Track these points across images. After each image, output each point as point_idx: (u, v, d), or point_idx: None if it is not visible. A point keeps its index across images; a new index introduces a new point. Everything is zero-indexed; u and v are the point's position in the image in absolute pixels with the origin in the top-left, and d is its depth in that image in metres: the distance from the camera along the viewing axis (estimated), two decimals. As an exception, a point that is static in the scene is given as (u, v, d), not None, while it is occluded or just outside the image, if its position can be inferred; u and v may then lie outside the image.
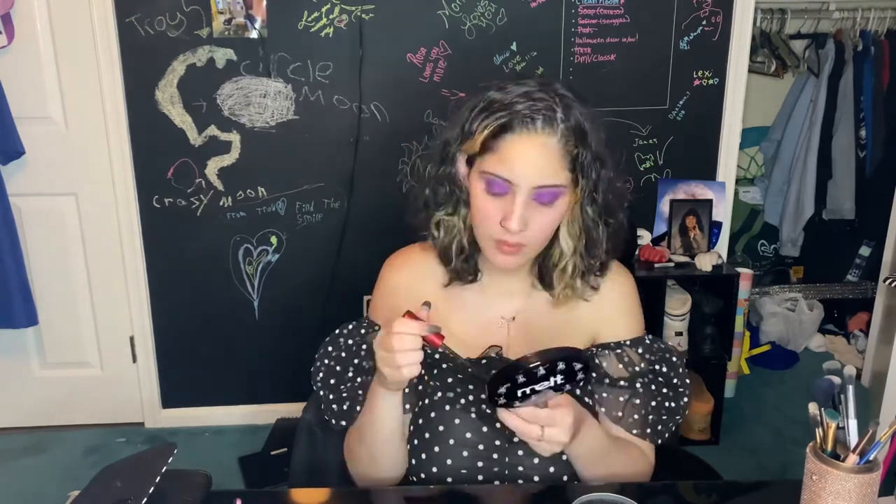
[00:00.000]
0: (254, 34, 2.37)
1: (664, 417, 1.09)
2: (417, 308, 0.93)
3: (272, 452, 2.42)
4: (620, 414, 1.07)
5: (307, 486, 1.20)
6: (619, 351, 1.10)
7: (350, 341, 1.14)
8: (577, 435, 0.93)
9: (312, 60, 2.41)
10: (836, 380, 0.85)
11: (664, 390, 1.10)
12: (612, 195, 1.04)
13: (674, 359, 1.12)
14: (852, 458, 0.80)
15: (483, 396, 1.08)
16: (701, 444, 2.57)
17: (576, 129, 0.97)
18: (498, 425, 1.05)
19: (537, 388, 0.86)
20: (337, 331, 1.17)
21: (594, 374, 1.06)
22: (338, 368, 1.13)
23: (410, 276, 1.15)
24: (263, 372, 2.70)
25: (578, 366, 0.86)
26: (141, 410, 2.72)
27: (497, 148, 0.97)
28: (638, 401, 1.08)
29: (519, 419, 0.88)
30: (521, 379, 0.85)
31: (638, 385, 1.08)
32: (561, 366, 0.85)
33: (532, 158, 0.96)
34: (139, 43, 2.36)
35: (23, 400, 2.68)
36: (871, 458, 0.81)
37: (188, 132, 2.45)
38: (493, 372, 0.86)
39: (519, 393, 0.86)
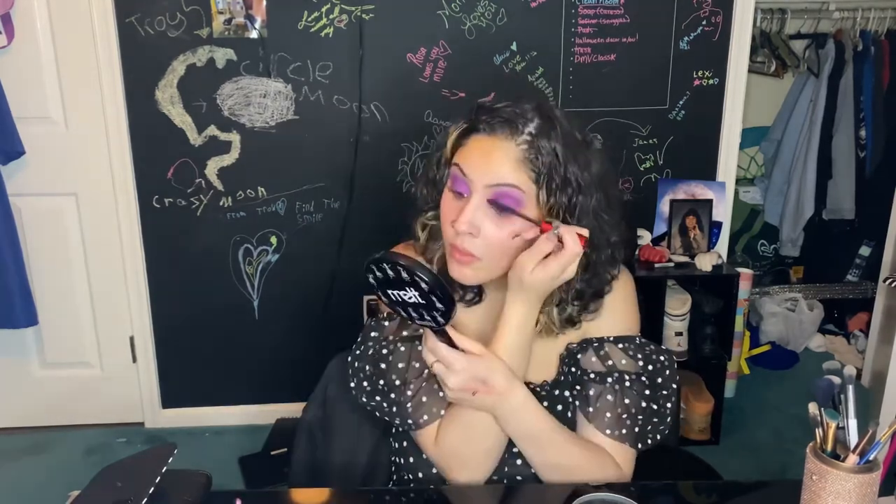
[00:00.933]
0: (254, 34, 2.37)
1: (641, 420, 1.03)
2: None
3: (272, 452, 2.42)
4: (591, 409, 1.03)
5: (307, 486, 1.20)
6: (596, 345, 1.06)
7: (370, 353, 1.09)
8: (498, 408, 0.96)
9: (312, 60, 2.41)
10: (836, 380, 0.85)
11: (647, 392, 1.04)
12: (598, 228, 1.00)
13: (662, 359, 1.07)
14: (852, 459, 0.80)
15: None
16: (701, 444, 2.57)
17: (543, 147, 0.95)
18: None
19: (403, 297, 0.88)
20: (355, 348, 1.12)
21: (454, 311, 0.93)
22: (376, 376, 1.08)
23: None
24: (263, 372, 2.70)
25: (424, 285, 0.85)
26: (141, 410, 2.72)
27: (463, 144, 1.00)
28: (611, 398, 1.03)
29: (426, 341, 0.94)
30: (377, 273, 0.89)
31: (611, 380, 1.03)
32: (404, 275, 0.86)
33: (489, 157, 0.96)
34: (139, 43, 2.36)
35: (23, 400, 2.69)
36: (871, 458, 0.81)
37: (188, 132, 2.45)
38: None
39: (391, 295, 0.90)
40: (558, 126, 0.97)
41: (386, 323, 1.10)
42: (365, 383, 1.08)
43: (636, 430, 1.03)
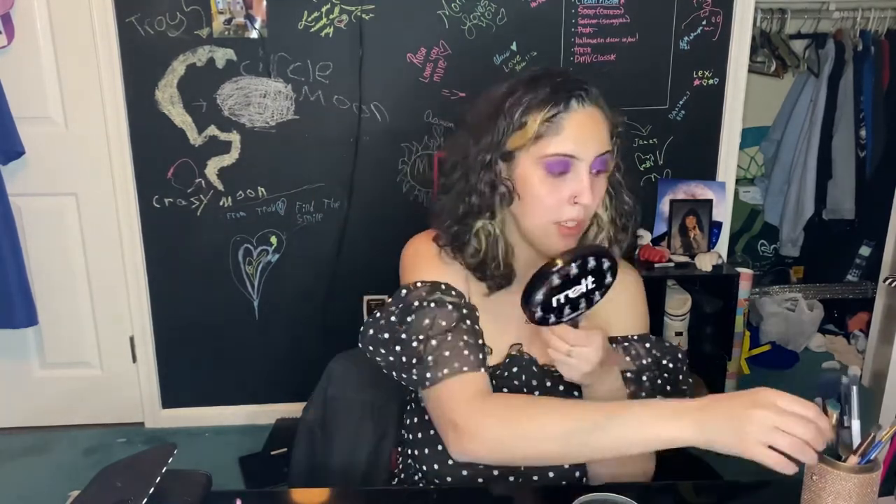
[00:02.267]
0: (254, 34, 2.37)
1: None
2: None
3: (272, 452, 2.42)
4: None
5: (307, 486, 1.20)
6: (626, 344, 1.10)
7: (372, 330, 1.08)
8: (602, 372, 0.96)
9: (312, 60, 2.41)
10: (844, 379, 0.85)
11: (668, 387, 1.10)
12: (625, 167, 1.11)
13: (679, 357, 1.12)
14: (853, 459, 0.80)
15: (504, 389, 1.08)
16: (701, 444, 2.57)
17: (604, 99, 1.04)
18: None
19: (571, 294, 0.89)
20: (404, 293, 1.07)
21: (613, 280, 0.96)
22: (392, 340, 1.05)
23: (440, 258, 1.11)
24: (263, 372, 2.70)
25: (607, 263, 0.90)
26: (141, 410, 2.72)
27: (557, 129, 0.99)
28: (644, 395, 1.07)
29: (552, 335, 0.93)
30: (556, 281, 0.88)
31: (644, 378, 1.08)
32: (591, 263, 0.89)
33: (591, 130, 1.01)
34: (139, 43, 2.36)
35: (23, 400, 2.68)
36: (871, 458, 0.81)
37: (188, 132, 2.45)
38: (527, 282, 0.89)
39: (554, 302, 0.89)
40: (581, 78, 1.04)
41: (416, 287, 1.06)
42: (386, 334, 1.05)
43: None
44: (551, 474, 1.05)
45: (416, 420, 1.11)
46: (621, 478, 1.04)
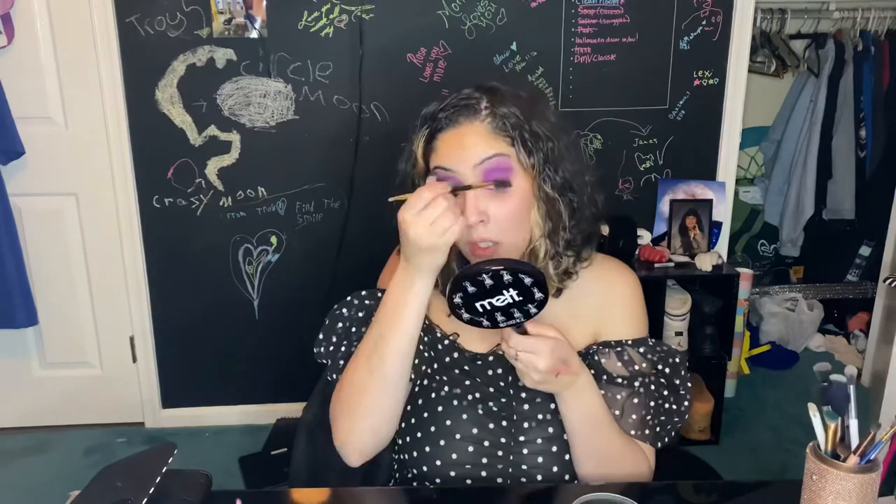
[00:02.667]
0: (254, 34, 2.37)
1: (664, 420, 1.08)
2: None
3: (272, 452, 2.42)
4: (619, 412, 1.06)
5: (307, 486, 1.20)
6: (619, 349, 1.09)
7: (357, 312, 1.15)
8: (566, 382, 0.97)
9: (312, 60, 2.41)
10: (842, 378, 0.84)
11: (664, 392, 1.08)
12: (571, 172, 1.05)
13: (676, 360, 1.11)
14: (853, 458, 0.80)
15: (491, 391, 1.08)
16: (701, 444, 2.57)
17: (504, 112, 1.01)
18: (504, 423, 1.06)
19: (495, 303, 0.90)
20: (349, 298, 1.18)
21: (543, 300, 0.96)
22: (349, 330, 1.14)
23: None
24: (263, 372, 2.70)
25: (528, 280, 0.89)
26: (141, 410, 2.72)
27: (434, 147, 1.04)
28: (637, 400, 1.07)
29: (502, 338, 0.95)
30: (469, 288, 0.89)
31: (637, 384, 1.07)
32: (507, 276, 0.88)
33: (463, 142, 1.01)
34: (139, 43, 2.36)
35: (23, 400, 2.69)
36: (871, 458, 0.81)
37: (188, 132, 2.45)
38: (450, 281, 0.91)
39: (479, 308, 0.91)
40: (506, 93, 1.04)
41: (379, 294, 1.13)
42: (330, 334, 1.16)
43: (657, 429, 1.08)
44: (555, 469, 1.05)
45: (402, 424, 1.11)
46: (612, 479, 1.04)
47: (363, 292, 1.16)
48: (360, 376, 1.04)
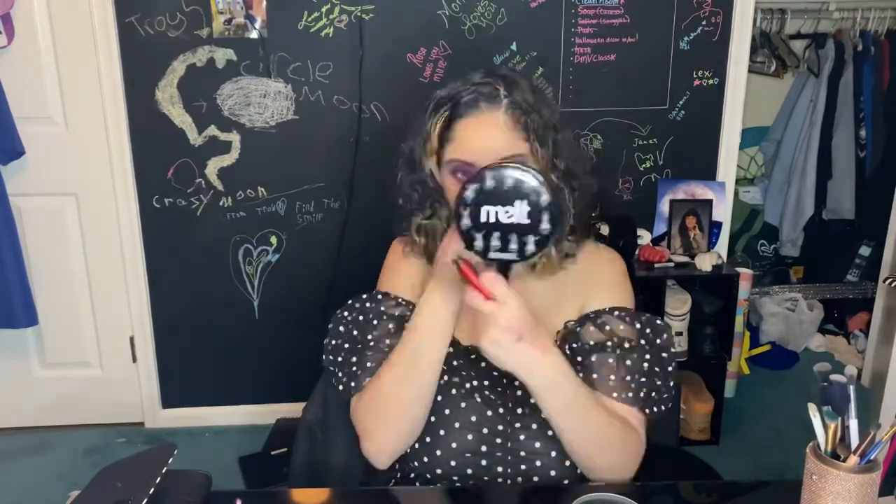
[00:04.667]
0: (254, 34, 2.37)
1: (646, 384, 1.05)
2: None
3: (272, 452, 2.42)
4: (595, 376, 1.04)
5: (307, 486, 1.20)
6: (593, 316, 1.08)
7: (361, 317, 1.14)
8: (534, 369, 0.93)
9: (312, 60, 2.41)
10: (842, 378, 0.84)
11: (647, 356, 1.06)
12: (572, 160, 1.07)
13: (659, 324, 1.09)
14: (853, 459, 0.80)
15: (486, 383, 1.08)
16: (701, 444, 2.57)
17: (521, 102, 1.01)
18: (501, 410, 1.07)
19: (501, 215, 0.86)
20: (350, 301, 1.17)
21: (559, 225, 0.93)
22: (355, 336, 1.12)
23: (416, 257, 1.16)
24: (263, 372, 2.70)
25: (545, 199, 0.85)
26: (141, 410, 2.72)
27: (452, 136, 1.02)
28: (612, 361, 1.04)
29: (489, 274, 0.89)
30: (488, 182, 0.86)
31: (609, 345, 1.05)
32: (531, 183, 0.85)
33: (485, 135, 1.00)
34: (139, 43, 2.36)
35: (23, 400, 2.69)
36: (871, 458, 0.81)
37: (188, 132, 2.45)
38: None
39: (483, 215, 0.87)
40: (521, 80, 1.04)
41: (380, 297, 1.14)
42: (335, 341, 1.14)
43: (641, 393, 1.05)
44: (553, 454, 1.05)
45: None
46: (600, 468, 1.03)
47: (364, 295, 1.16)
48: (395, 389, 1.04)
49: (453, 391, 1.08)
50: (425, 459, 1.08)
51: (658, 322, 1.09)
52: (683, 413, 2.57)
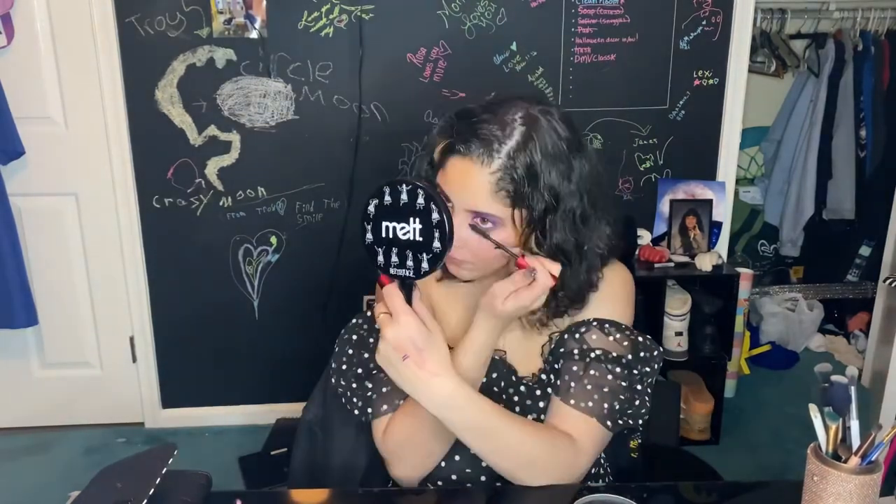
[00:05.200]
0: (254, 34, 2.37)
1: (611, 399, 1.01)
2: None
3: (272, 452, 2.42)
4: (558, 382, 1.03)
5: (307, 486, 1.20)
6: (572, 329, 1.07)
7: (369, 337, 1.12)
8: (422, 389, 0.91)
9: (312, 60, 2.41)
10: (843, 379, 0.84)
11: (620, 371, 1.02)
12: (581, 230, 1.00)
13: (642, 341, 1.06)
14: (853, 460, 0.80)
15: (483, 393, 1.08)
16: (701, 444, 2.57)
17: (519, 167, 0.94)
18: None
19: (398, 232, 0.87)
20: (354, 320, 1.15)
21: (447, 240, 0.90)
22: (364, 358, 1.10)
23: None
24: (263, 372, 2.70)
25: (435, 216, 0.84)
26: (141, 410, 2.72)
27: (443, 165, 0.99)
28: (576, 368, 1.03)
29: (389, 287, 0.90)
30: (386, 197, 0.87)
31: (576, 353, 1.03)
32: (421, 199, 0.84)
33: (465, 183, 0.96)
34: (139, 43, 2.36)
35: (23, 400, 2.68)
36: (872, 460, 0.81)
37: (188, 132, 2.45)
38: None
39: (382, 229, 0.88)
40: (544, 135, 0.96)
41: (369, 314, 1.12)
42: (344, 366, 1.11)
43: (604, 406, 1.01)
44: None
45: None
46: (523, 480, 0.99)
47: (368, 313, 1.14)
48: (420, 430, 1.02)
49: None
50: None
51: (644, 340, 1.07)
52: (683, 413, 2.57)
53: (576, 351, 1.04)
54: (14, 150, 2.36)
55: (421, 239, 0.86)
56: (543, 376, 1.09)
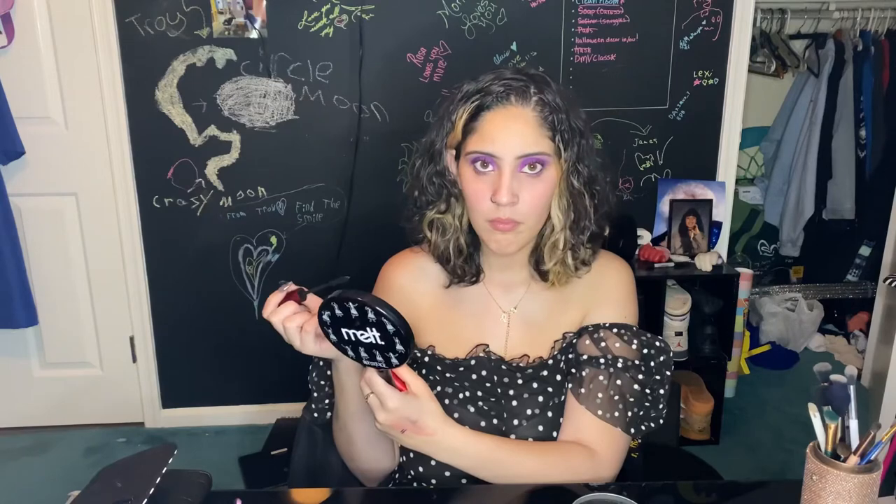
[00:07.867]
0: (254, 34, 2.37)
1: (635, 406, 1.05)
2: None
3: (272, 452, 2.42)
4: (583, 391, 1.04)
5: (307, 486, 1.20)
6: (591, 330, 1.08)
7: None
8: (427, 446, 0.98)
9: (312, 60, 2.41)
10: (842, 378, 0.84)
11: (640, 377, 1.06)
12: (594, 166, 1.07)
13: (658, 345, 1.08)
14: (853, 459, 0.80)
15: (479, 394, 1.09)
16: (701, 444, 2.57)
17: (550, 102, 1.01)
18: (495, 421, 1.07)
19: (359, 336, 0.88)
20: None
21: (418, 353, 1.01)
22: (321, 365, 1.14)
23: (408, 277, 1.16)
24: (263, 372, 2.70)
25: (391, 328, 0.85)
26: (141, 410, 2.72)
27: (477, 127, 1.01)
28: (603, 379, 1.04)
29: (367, 375, 0.94)
30: (337, 311, 0.87)
31: (603, 362, 1.05)
32: (371, 315, 0.85)
33: (511, 129, 0.99)
34: (139, 43, 2.36)
35: (23, 400, 2.69)
36: (871, 459, 0.81)
37: (188, 132, 2.45)
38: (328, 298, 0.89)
39: (344, 334, 0.89)
40: (547, 79, 1.04)
41: None
42: (322, 366, 1.13)
43: (629, 414, 1.04)
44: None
45: None
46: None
47: None
48: (341, 434, 1.11)
49: (446, 401, 1.08)
50: (420, 469, 1.08)
51: (658, 343, 1.09)
52: (683, 413, 2.57)
53: (601, 360, 1.05)
54: (14, 150, 2.37)
55: (383, 343, 0.88)
56: (545, 372, 1.09)
